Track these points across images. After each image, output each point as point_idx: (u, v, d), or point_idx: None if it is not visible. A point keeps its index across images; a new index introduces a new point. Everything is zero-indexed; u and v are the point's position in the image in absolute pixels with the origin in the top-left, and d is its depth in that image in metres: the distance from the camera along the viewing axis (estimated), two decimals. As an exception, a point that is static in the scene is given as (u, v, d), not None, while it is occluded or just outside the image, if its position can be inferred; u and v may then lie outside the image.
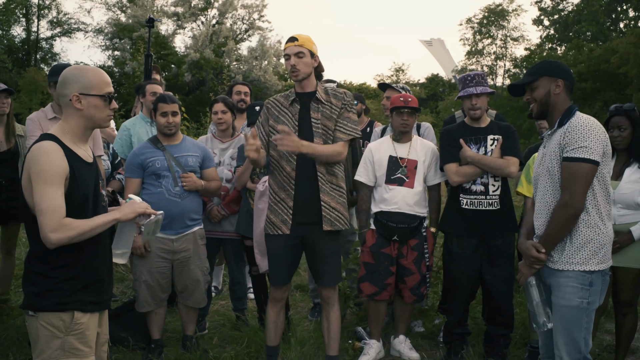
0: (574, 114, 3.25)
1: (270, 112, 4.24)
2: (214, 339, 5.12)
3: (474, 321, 5.47)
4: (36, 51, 38.65)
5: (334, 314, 4.31)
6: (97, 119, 2.86)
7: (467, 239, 4.65)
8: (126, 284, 6.50)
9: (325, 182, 4.12)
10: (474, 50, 48.85)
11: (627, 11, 41.71)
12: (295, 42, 4.08)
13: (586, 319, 3.17)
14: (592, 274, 3.17)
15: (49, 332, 2.75)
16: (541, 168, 3.38)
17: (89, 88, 2.81)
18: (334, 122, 4.16)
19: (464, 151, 4.58)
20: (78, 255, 2.80)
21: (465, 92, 4.62)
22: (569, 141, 3.12)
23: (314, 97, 4.18)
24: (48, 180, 2.64)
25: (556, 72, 3.32)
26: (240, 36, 40.07)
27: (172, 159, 4.61)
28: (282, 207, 4.13)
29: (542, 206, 3.35)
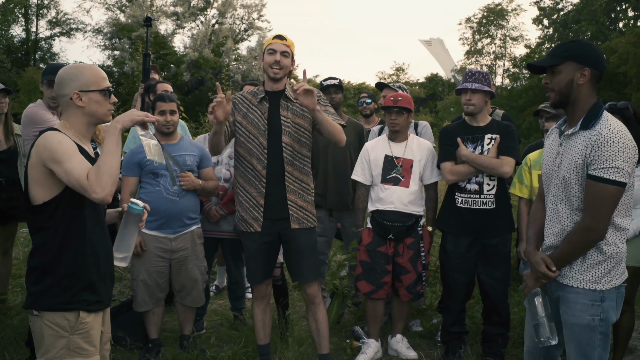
0: (601, 115, 2.85)
1: (238, 107, 4.24)
2: (211, 339, 5.11)
3: (472, 320, 5.47)
4: (35, 51, 38.64)
5: (320, 313, 4.32)
6: (99, 114, 2.87)
7: (461, 238, 4.66)
8: (124, 284, 6.50)
9: (292, 181, 4.15)
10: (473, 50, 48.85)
11: (627, 11, 41.68)
12: (283, 40, 4.12)
13: (600, 337, 2.90)
14: (603, 290, 2.90)
15: (54, 331, 2.76)
16: (555, 172, 3.03)
17: (87, 85, 2.82)
18: (306, 119, 4.18)
19: (460, 150, 4.59)
20: (80, 253, 2.81)
21: (462, 85, 4.64)
22: (598, 157, 2.75)
23: (283, 95, 4.19)
24: (63, 153, 2.65)
25: (584, 58, 2.87)
26: (239, 36, 40.03)
27: (170, 158, 4.60)
28: (253, 204, 4.15)
29: (553, 214, 3.04)
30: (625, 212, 2.92)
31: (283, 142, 4.11)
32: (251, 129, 4.16)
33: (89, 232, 2.84)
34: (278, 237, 4.23)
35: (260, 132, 4.12)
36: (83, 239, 2.81)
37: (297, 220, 4.15)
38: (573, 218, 2.95)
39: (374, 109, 6.36)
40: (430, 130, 5.61)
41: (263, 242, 4.19)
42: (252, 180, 4.15)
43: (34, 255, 2.83)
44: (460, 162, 4.60)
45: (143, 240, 4.53)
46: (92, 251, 2.86)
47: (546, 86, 3.01)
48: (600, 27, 40.38)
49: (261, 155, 4.11)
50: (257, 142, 4.12)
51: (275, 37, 4.16)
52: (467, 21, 49.16)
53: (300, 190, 4.18)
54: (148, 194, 4.48)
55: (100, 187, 2.61)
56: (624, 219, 2.92)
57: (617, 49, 30.03)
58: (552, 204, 3.06)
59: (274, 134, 4.12)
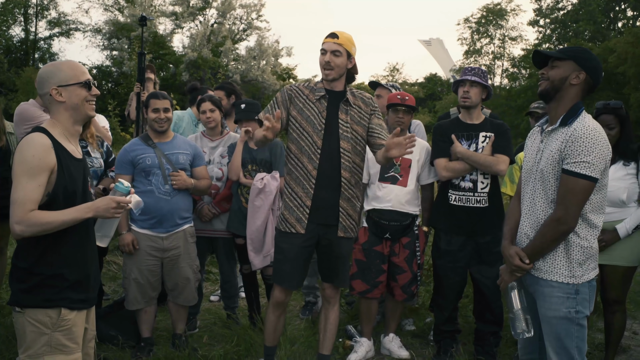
0: (579, 114, 3.00)
1: (293, 101, 4.07)
2: (204, 338, 5.11)
3: (465, 319, 5.46)
4: (34, 51, 38.65)
5: (333, 314, 4.28)
6: (79, 108, 2.87)
7: (454, 236, 4.65)
8: (118, 283, 6.48)
9: (347, 189, 4.05)
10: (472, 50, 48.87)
11: (625, 11, 41.76)
12: (335, 38, 3.95)
13: (577, 328, 3.01)
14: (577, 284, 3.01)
15: (36, 328, 2.76)
16: (534, 167, 3.16)
17: (66, 79, 2.84)
18: (363, 127, 4.08)
19: (454, 147, 4.58)
20: (65, 253, 2.82)
21: (460, 77, 4.65)
22: (571, 152, 2.89)
23: (344, 99, 4.07)
24: (25, 171, 2.67)
25: (585, 63, 3.02)
26: (238, 36, 40.03)
27: (163, 156, 4.60)
28: (298, 204, 4.02)
29: (529, 208, 3.16)
30: (598, 209, 3.05)
31: (341, 147, 4.00)
32: (306, 125, 4.01)
33: (74, 233, 2.83)
34: (317, 241, 4.12)
35: (316, 130, 3.99)
36: (68, 240, 2.81)
37: (344, 229, 4.07)
38: (547, 211, 3.07)
39: None
40: (423, 129, 5.61)
41: (303, 247, 4.06)
42: (299, 179, 4.02)
43: (18, 256, 2.83)
44: (455, 159, 4.60)
45: (136, 239, 4.52)
46: (76, 251, 2.86)
47: (542, 76, 3.13)
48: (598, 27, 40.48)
49: (313, 155, 3.98)
50: (311, 140, 3.99)
51: (328, 35, 3.99)
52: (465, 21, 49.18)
53: (353, 198, 4.09)
54: (140, 193, 4.44)
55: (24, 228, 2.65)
56: (597, 216, 3.04)
57: (616, 49, 30.06)
58: (530, 197, 3.17)
59: (330, 135, 4.00)
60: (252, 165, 4.96)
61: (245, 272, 5.23)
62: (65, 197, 2.77)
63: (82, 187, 2.89)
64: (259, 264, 4.83)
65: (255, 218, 4.61)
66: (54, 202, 2.74)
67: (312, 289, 5.87)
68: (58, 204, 2.75)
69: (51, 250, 2.78)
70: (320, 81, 4.16)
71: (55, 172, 2.74)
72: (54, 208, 2.74)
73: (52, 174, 2.74)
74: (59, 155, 2.76)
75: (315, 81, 4.22)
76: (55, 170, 2.74)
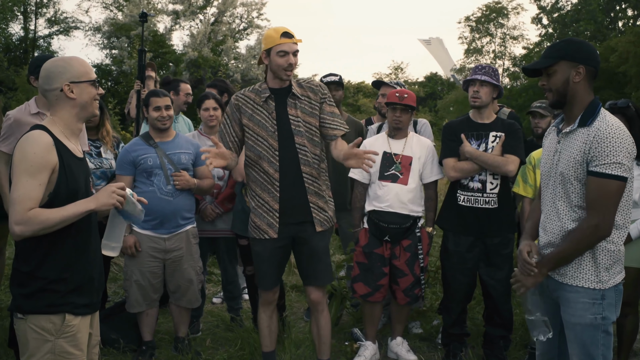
0: (599, 112, 2.87)
1: (242, 109, 4.02)
2: (207, 341, 5.03)
3: (473, 322, 5.37)
4: (34, 49, 38.56)
5: (323, 319, 4.20)
6: (87, 107, 2.80)
7: (462, 237, 4.57)
8: (119, 284, 6.40)
9: (311, 183, 3.99)
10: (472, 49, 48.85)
11: (626, 10, 41.69)
12: (292, 38, 3.90)
13: (603, 335, 2.88)
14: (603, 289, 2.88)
15: (39, 335, 2.67)
16: (552, 169, 3.03)
17: (78, 76, 2.76)
18: (316, 118, 4.02)
19: (463, 146, 4.49)
20: (67, 256, 2.72)
21: (470, 76, 4.55)
22: (599, 154, 2.75)
23: (290, 93, 4.01)
24: (26, 169, 2.58)
25: (577, 56, 2.88)
26: (238, 35, 39.96)
27: (165, 156, 4.51)
28: (267, 209, 3.99)
29: (552, 211, 3.01)
30: (625, 210, 2.92)
31: (297, 143, 3.94)
32: (259, 130, 3.97)
33: (77, 235, 2.74)
34: (292, 241, 4.08)
35: (270, 133, 3.94)
36: (70, 243, 2.72)
37: (320, 223, 4.02)
38: (572, 215, 2.93)
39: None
40: (429, 128, 5.51)
41: (276, 247, 4.04)
42: (264, 184, 3.98)
43: (19, 259, 2.73)
44: (464, 159, 4.50)
45: (138, 241, 4.43)
46: (79, 254, 2.77)
47: (543, 87, 3.02)
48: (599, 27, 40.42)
49: (272, 158, 3.94)
50: (267, 144, 3.94)
51: (283, 34, 3.88)
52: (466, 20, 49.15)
53: (320, 191, 4.04)
54: (141, 194, 4.33)
55: (24, 228, 2.55)
56: (624, 218, 2.91)
57: (617, 48, 30.00)
58: (550, 201, 3.04)
59: (285, 134, 3.94)
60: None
61: (249, 273, 5.14)
62: (68, 196, 2.68)
63: (84, 186, 2.81)
64: None
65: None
66: (56, 202, 2.65)
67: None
68: (60, 203, 2.64)
69: (53, 253, 2.68)
70: (263, 82, 4.09)
71: (56, 171, 2.65)
72: (56, 207, 2.63)
73: (54, 173, 2.65)
74: (61, 153, 2.68)
75: (259, 83, 4.15)
76: (57, 169, 2.65)
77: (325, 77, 5.69)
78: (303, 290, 6.09)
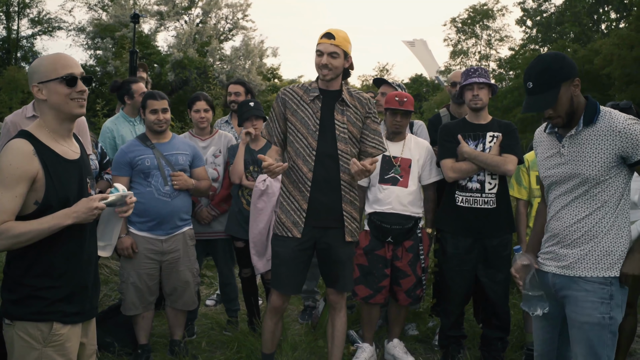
0: (599, 109, 2.93)
1: (288, 104, 3.97)
2: (202, 344, 4.98)
3: (470, 324, 5.36)
4: (17, 49, 38.25)
5: (339, 320, 4.13)
6: (61, 106, 2.65)
7: (461, 238, 4.55)
8: (110, 287, 6.33)
9: (348, 191, 3.95)
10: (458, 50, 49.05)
11: (609, 12, 42.09)
12: (331, 39, 3.81)
13: (610, 336, 2.90)
14: (611, 285, 2.89)
15: (26, 342, 2.59)
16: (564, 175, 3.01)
17: (46, 74, 2.63)
18: (358, 130, 3.98)
19: (461, 147, 4.48)
20: (57, 263, 2.64)
21: (468, 80, 4.53)
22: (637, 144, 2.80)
23: (340, 98, 3.95)
24: (3, 181, 2.49)
25: (570, 72, 2.90)
26: (224, 36, 39.82)
27: (162, 157, 4.46)
28: (295, 207, 3.91)
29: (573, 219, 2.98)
30: (624, 211, 2.96)
31: (339, 149, 3.88)
32: (300, 127, 3.91)
33: (68, 242, 2.66)
34: (314, 245, 4.00)
35: (310, 132, 3.88)
36: (60, 250, 2.63)
37: (350, 233, 3.98)
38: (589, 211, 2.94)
39: None
40: (425, 130, 5.50)
41: (300, 249, 3.94)
42: (296, 182, 3.92)
43: (9, 265, 2.65)
44: (462, 160, 4.49)
45: (135, 242, 4.38)
46: (70, 262, 2.69)
47: (550, 116, 2.96)
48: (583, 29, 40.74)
49: (308, 157, 3.87)
50: (306, 142, 3.88)
51: (324, 35, 3.85)
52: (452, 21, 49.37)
53: (355, 200, 4.01)
54: (139, 195, 4.32)
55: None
56: (623, 219, 2.96)
57: (601, 51, 30.27)
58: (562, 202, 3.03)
59: (326, 136, 3.88)
60: (254, 166, 4.84)
61: (245, 276, 5.10)
62: (59, 202, 2.59)
63: (77, 190, 2.70)
64: (263, 268, 4.70)
65: (258, 221, 4.49)
66: (48, 210, 2.57)
67: (310, 293, 5.76)
68: (53, 210, 2.57)
69: (41, 260, 2.60)
70: (315, 81, 4.04)
71: (41, 178, 2.55)
72: (49, 214, 2.56)
73: (38, 182, 2.55)
74: (44, 160, 2.57)
75: (310, 82, 4.10)
76: (42, 176, 2.55)
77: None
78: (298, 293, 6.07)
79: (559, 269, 3.03)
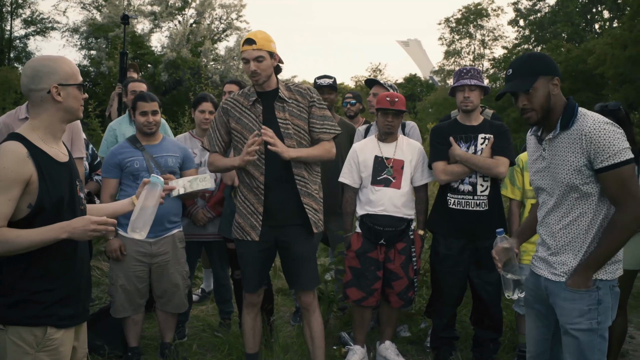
0: (577, 112, 2.87)
1: (230, 113, 4.03)
2: (193, 346, 4.95)
3: (462, 325, 5.35)
4: (10, 50, 38.13)
5: (315, 321, 4.17)
6: (75, 110, 2.70)
7: (454, 240, 4.54)
8: (101, 289, 6.31)
9: (304, 185, 3.97)
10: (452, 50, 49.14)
11: (602, 12, 42.21)
12: (253, 45, 3.84)
13: (600, 340, 2.87)
14: (599, 290, 2.86)
15: (19, 347, 2.54)
16: (546, 177, 3.00)
17: (66, 78, 2.65)
18: (304, 121, 4.01)
19: (453, 149, 4.46)
20: (51, 266, 2.61)
21: (459, 82, 4.51)
22: (601, 150, 2.74)
23: (277, 96, 3.99)
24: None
25: (551, 69, 2.89)
26: (217, 36, 39.75)
27: (151, 159, 4.44)
28: (251, 211, 3.98)
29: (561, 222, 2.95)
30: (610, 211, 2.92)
31: (287, 146, 3.90)
32: (246, 133, 3.96)
33: (62, 244, 2.61)
34: (275, 244, 4.08)
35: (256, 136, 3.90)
36: (54, 253, 2.60)
37: (315, 224, 4.02)
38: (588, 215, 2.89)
39: (358, 110, 6.21)
40: (417, 131, 5.49)
41: (259, 250, 4.04)
42: (250, 187, 3.98)
43: (2, 268, 2.61)
44: (454, 162, 4.48)
45: (123, 244, 4.35)
46: (65, 265, 2.66)
47: (524, 107, 2.94)
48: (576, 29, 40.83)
49: (258, 161, 3.91)
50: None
51: (244, 41, 3.88)
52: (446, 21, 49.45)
53: (312, 192, 4.03)
54: (128, 197, 4.30)
55: None
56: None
57: (595, 50, 30.34)
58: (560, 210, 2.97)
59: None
60: None
61: (237, 277, 5.08)
62: (52, 205, 2.57)
63: (69, 192, 2.68)
64: None
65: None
66: (41, 212, 2.54)
67: (302, 294, 5.73)
68: (46, 213, 2.55)
69: (36, 264, 2.57)
70: (252, 85, 4.06)
71: (35, 181, 2.52)
72: (42, 218, 2.54)
73: (31, 185, 2.52)
74: (38, 162, 2.55)
75: (249, 87, 4.13)
76: (36, 179, 2.53)
77: (319, 79, 5.64)
78: (289, 294, 6.06)
79: (550, 275, 3.01)
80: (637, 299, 6.54)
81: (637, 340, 5.47)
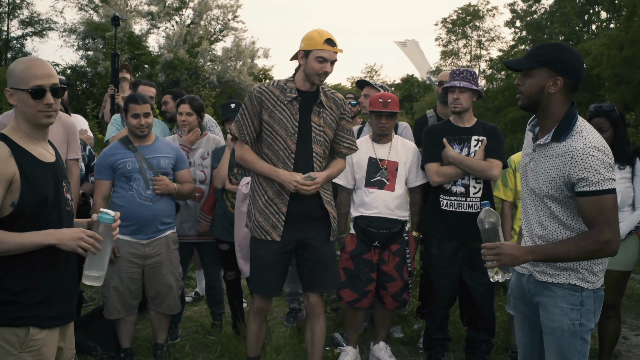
0: (573, 126, 2.74)
1: (264, 104, 3.88)
2: (186, 347, 4.94)
3: (454, 326, 5.35)
4: (7, 50, 38.04)
5: (319, 326, 4.11)
6: (29, 116, 2.61)
7: (446, 242, 4.54)
8: (95, 289, 6.30)
9: (324, 192, 3.95)
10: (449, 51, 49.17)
11: (599, 13, 42.23)
12: (335, 47, 3.78)
13: (580, 342, 2.82)
14: (582, 291, 2.82)
15: (2, 348, 2.53)
16: (531, 178, 2.93)
17: (17, 82, 2.58)
18: (333, 131, 3.97)
19: (446, 151, 4.46)
20: (34, 267, 2.59)
21: (449, 83, 4.51)
22: (584, 175, 2.64)
23: (318, 101, 3.92)
24: None
25: (560, 67, 2.72)
26: (214, 36, 39.73)
27: (144, 160, 4.41)
28: (274, 211, 3.88)
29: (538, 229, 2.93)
30: None
31: (314, 152, 3.87)
32: (278, 129, 3.85)
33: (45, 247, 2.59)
34: (295, 247, 3.99)
35: (289, 134, 3.84)
36: (37, 254, 2.57)
37: (334, 231, 4.03)
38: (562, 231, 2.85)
39: (357, 111, 6.18)
40: (410, 131, 5.48)
41: (281, 252, 3.93)
42: (274, 185, 3.87)
43: None
44: (447, 164, 4.47)
45: (117, 246, 4.33)
46: (48, 265, 2.63)
47: (517, 87, 2.87)
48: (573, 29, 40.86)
49: (287, 160, 3.83)
50: (285, 144, 3.84)
51: (326, 41, 3.75)
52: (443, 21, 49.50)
53: (332, 200, 4.03)
54: (120, 199, 4.30)
55: None
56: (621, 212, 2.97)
57: (591, 51, 30.34)
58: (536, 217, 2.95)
59: (304, 139, 3.86)
60: (238, 169, 4.80)
61: (230, 278, 5.08)
62: (35, 203, 2.55)
63: (54, 192, 2.65)
64: (248, 272, 4.68)
65: (243, 224, 4.46)
66: (25, 210, 2.53)
67: (296, 295, 5.73)
68: (29, 211, 2.54)
69: (18, 265, 2.55)
70: (290, 80, 3.98)
71: (17, 180, 2.51)
72: (26, 216, 2.53)
73: (14, 184, 2.50)
74: (20, 162, 2.53)
75: (285, 80, 4.02)
76: (18, 178, 2.51)
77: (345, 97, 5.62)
78: (283, 295, 6.05)
79: (533, 273, 2.98)
80: (630, 300, 6.56)
81: (630, 341, 5.48)
